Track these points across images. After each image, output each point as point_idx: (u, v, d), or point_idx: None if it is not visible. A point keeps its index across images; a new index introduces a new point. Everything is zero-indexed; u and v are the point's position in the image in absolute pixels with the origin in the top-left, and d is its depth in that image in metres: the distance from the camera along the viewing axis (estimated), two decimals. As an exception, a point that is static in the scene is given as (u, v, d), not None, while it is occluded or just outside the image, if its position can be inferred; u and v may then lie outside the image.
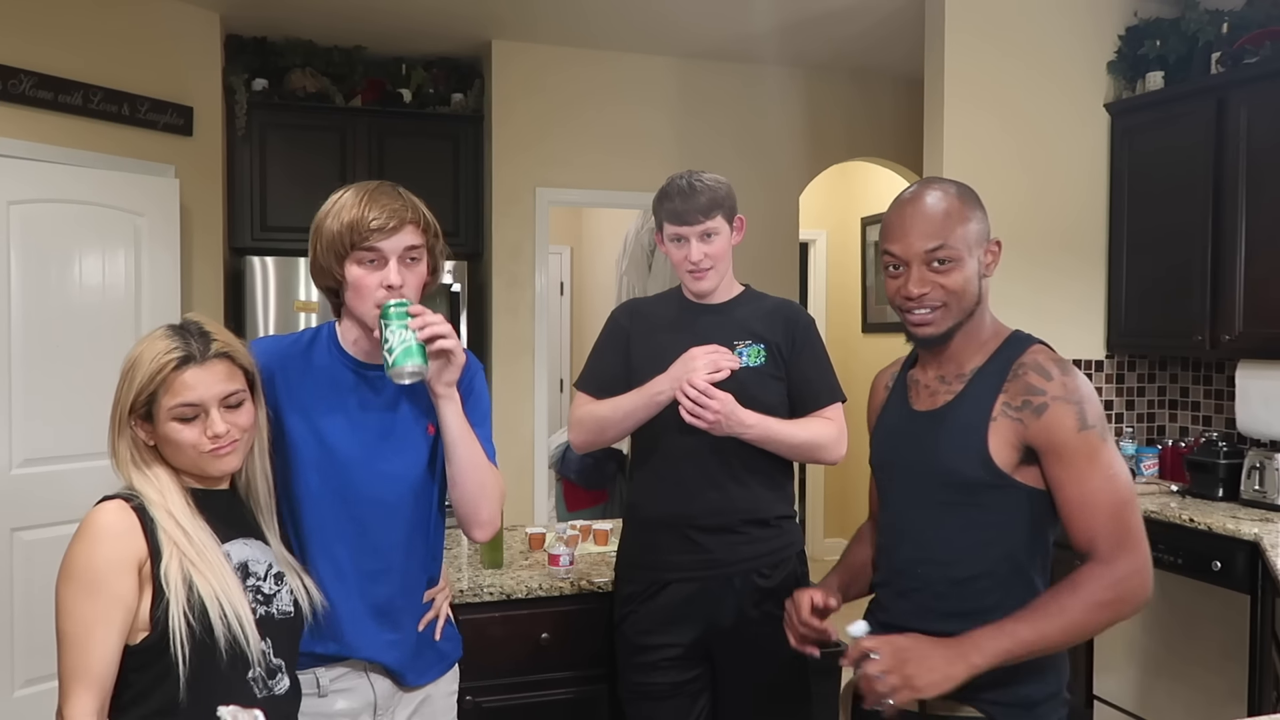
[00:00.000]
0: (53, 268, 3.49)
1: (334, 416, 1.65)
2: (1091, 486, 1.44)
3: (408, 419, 1.68)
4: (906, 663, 1.39)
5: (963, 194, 1.55)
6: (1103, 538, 1.43)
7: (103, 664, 1.36)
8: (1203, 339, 3.56)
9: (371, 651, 1.66)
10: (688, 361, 1.95)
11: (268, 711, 1.47)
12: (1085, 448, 1.44)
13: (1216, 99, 3.51)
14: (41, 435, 3.42)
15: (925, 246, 1.50)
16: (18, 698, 3.35)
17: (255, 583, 1.50)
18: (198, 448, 1.44)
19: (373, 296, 1.58)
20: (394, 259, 1.58)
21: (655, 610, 2.08)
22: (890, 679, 1.39)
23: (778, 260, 5.17)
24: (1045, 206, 3.90)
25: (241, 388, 1.49)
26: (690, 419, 1.92)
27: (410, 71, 4.87)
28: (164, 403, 1.43)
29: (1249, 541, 2.93)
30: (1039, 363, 1.50)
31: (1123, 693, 3.41)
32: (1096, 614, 1.43)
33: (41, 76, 3.54)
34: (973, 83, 3.79)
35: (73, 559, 1.39)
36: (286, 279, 4.42)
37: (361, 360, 1.68)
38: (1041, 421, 1.46)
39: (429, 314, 1.56)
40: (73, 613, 1.36)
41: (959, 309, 1.52)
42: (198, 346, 1.45)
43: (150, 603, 1.39)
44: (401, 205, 1.60)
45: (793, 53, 4.94)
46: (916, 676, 1.38)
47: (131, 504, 1.42)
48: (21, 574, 3.36)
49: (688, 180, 2.05)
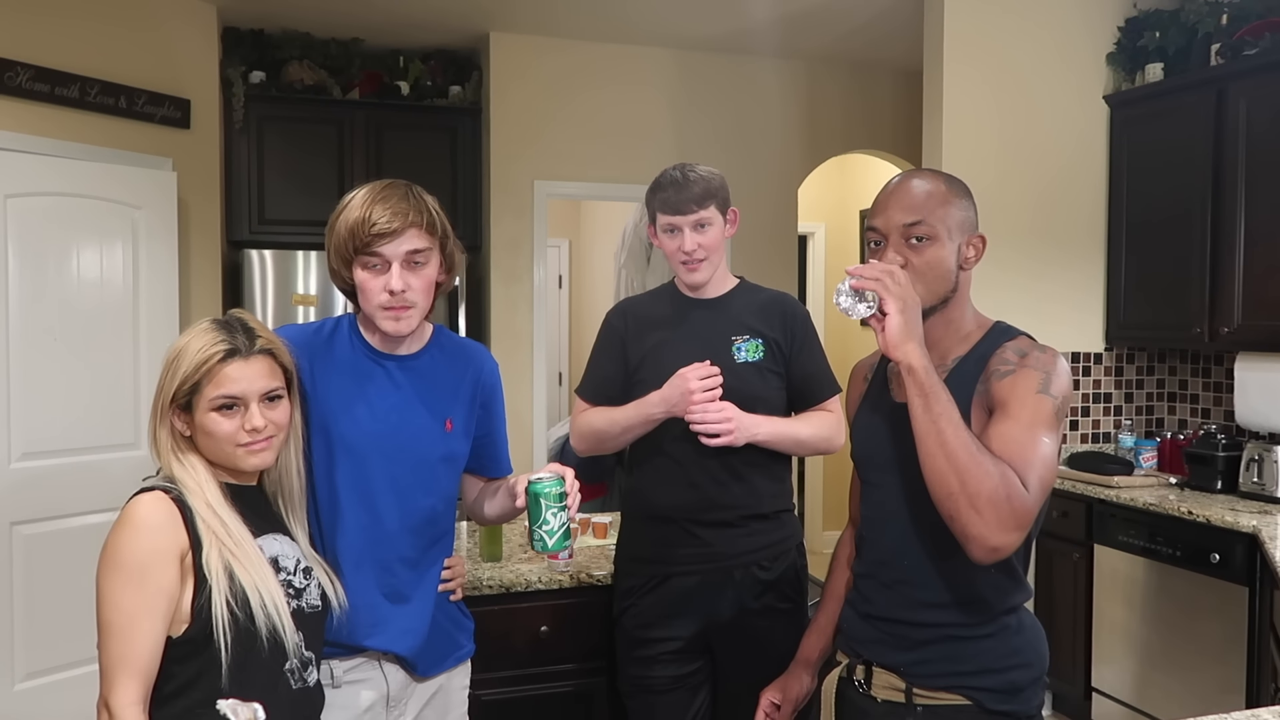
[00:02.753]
0: (50, 261, 3.48)
1: (354, 405, 1.67)
2: (1015, 432, 1.38)
3: (426, 412, 1.71)
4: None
5: (950, 182, 1.55)
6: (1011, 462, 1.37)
7: (147, 654, 1.37)
8: (1201, 331, 3.56)
9: (385, 642, 1.67)
10: (680, 383, 1.94)
11: (301, 704, 1.48)
12: (1034, 407, 1.40)
13: (1216, 91, 3.50)
14: (41, 429, 3.42)
15: (904, 220, 1.50)
16: (18, 691, 3.35)
17: (286, 576, 1.51)
18: (234, 440, 1.46)
19: (377, 299, 1.61)
20: (396, 264, 1.60)
21: (655, 604, 2.08)
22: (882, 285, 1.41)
23: (776, 252, 5.17)
24: (1044, 199, 3.89)
25: (281, 385, 1.52)
26: (709, 442, 1.94)
27: (408, 64, 4.86)
28: (206, 393, 1.45)
29: (1247, 534, 2.94)
30: (1019, 346, 1.51)
31: (1121, 684, 3.42)
32: (978, 475, 1.33)
33: (38, 69, 3.53)
34: (971, 74, 3.78)
35: (116, 549, 1.39)
36: (284, 272, 4.42)
37: (381, 350, 1.71)
38: (1003, 382, 1.45)
39: (577, 494, 1.62)
40: (117, 603, 1.37)
41: (927, 293, 1.49)
42: (243, 341, 1.48)
43: (192, 594, 1.40)
44: (407, 208, 1.60)
45: (792, 45, 4.93)
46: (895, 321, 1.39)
47: (170, 494, 1.44)
48: (21, 568, 3.36)
49: (681, 171, 2.05)
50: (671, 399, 1.96)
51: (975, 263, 1.55)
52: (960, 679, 1.49)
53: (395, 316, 1.62)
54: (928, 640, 1.51)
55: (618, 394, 2.12)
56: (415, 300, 1.62)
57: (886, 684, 1.55)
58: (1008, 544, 1.36)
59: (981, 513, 1.34)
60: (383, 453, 1.67)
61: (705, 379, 1.94)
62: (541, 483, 1.59)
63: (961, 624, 1.49)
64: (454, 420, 1.74)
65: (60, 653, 3.39)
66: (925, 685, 1.51)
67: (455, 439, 1.75)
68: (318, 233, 1.79)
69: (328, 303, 4.42)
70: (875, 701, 1.57)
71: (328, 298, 4.42)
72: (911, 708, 1.52)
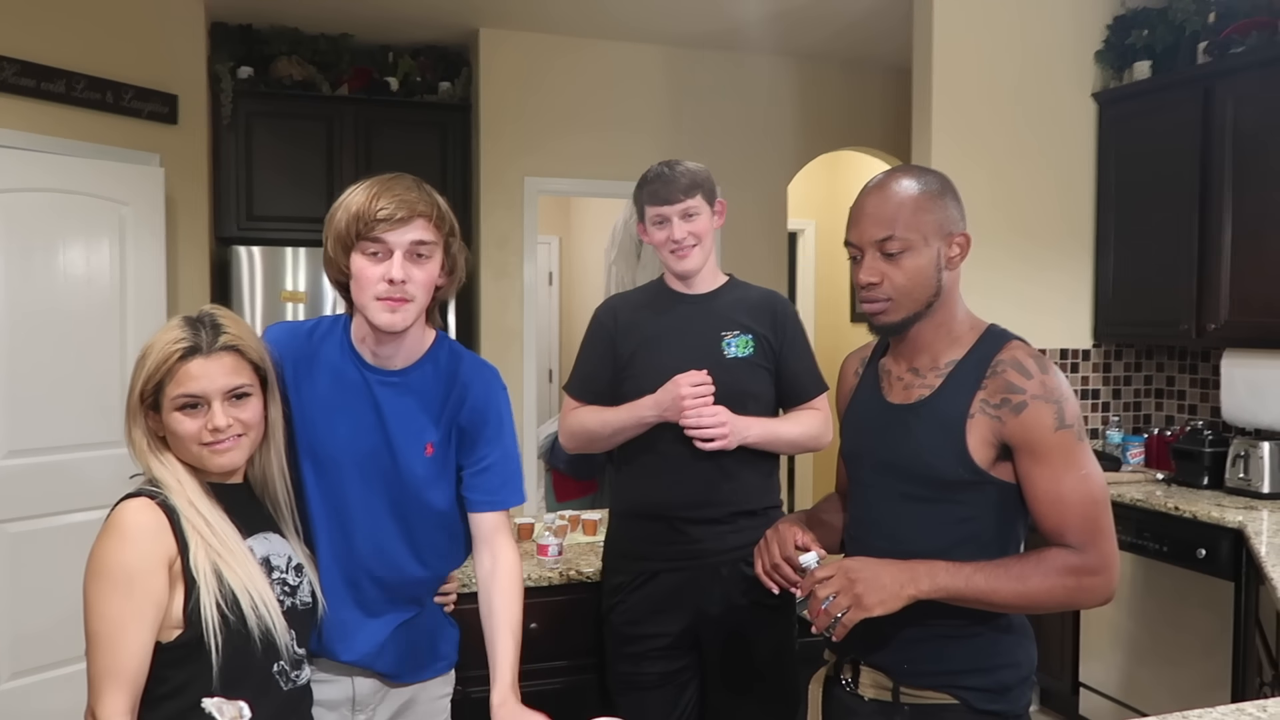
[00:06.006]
0: (37, 258, 3.45)
1: (334, 417, 1.61)
2: (1065, 485, 1.44)
3: (406, 432, 1.62)
4: (856, 583, 1.39)
5: (927, 183, 1.50)
6: (1073, 531, 1.43)
7: (135, 663, 1.35)
8: (1189, 328, 3.57)
9: (351, 655, 1.64)
10: (672, 389, 1.96)
11: (291, 703, 1.47)
12: (1062, 446, 1.44)
13: (1203, 88, 3.52)
14: (28, 427, 3.40)
15: (876, 235, 1.48)
16: (5, 690, 3.33)
17: (280, 575, 1.50)
18: (198, 439, 1.43)
19: (373, 289, 1.51)
20: (399, 253, 1.51)
21: (644, 600, 2.08)
22: (840, 600, 1.39)
23: (766, 249, 5.17)
24: (1033, 196, 3.90)
25: (248, 382, 1.47)
26: (705, 446, 1.95)
27: (397, 60, 4.84)
28: (169, 392, 1.42)
29: (1233, 529, 2.95)
30: (1018, 360, 1.48)
31: (1108, 679, 3.43)
32: (1051, 593, 1.42)
33: (24, 64, 3.50)
34: (961, 72, 3.79)
35: (103, 558, 1.37)
36: (273, 269, 4.39)
37: (368, 362, 1.63)
38: (1020, 419, 1.44)
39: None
40: (104, 612, 1.35)
41: (910, 301, 1.49)
42: (206, 338, 1.43)
43: (183, 599, 1.38)
44: (415, 197, 1.53)
45: (782, 42, 4.93)
46: (866, 595, 1.38)
47: (155, 500, 1.41)
48: (8, 567, 3.34)
49: (666, 165, 2.07)
50: (664, 404, 1.97)
51: (960, 261, 1.52)
52: (948, 678, 1.50)
53: (391, 308, 1.52)
54: (916, 639, 1.50)
55: (606, 391, 2.12)
56: (414, 294, 1.53)
57: (874, 683, 1.55)
58: (1108, 590, 1.45)
59: (1078, 602, 1.47)
60: (359, 471, 1.60)
61: (698, 385, 1.95)
62: None
63: (950, 623, 1.48)
64: (435, 444, 1.63)
65: (47, 652, 3.36)
66: (913, 684, 1.51)
67: (434, 464, 1.63)
68: (306, 229, 1.76)
69: (317, 300, 4.40)
70: (862, 700, 1.56)
71: (317, 294, 4.40)
72: (899, 706, 1.52)
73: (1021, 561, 1.44)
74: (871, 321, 1.54)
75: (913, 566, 1.42)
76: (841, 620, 1.39)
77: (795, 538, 1.54)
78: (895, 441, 1.53)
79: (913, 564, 1.42)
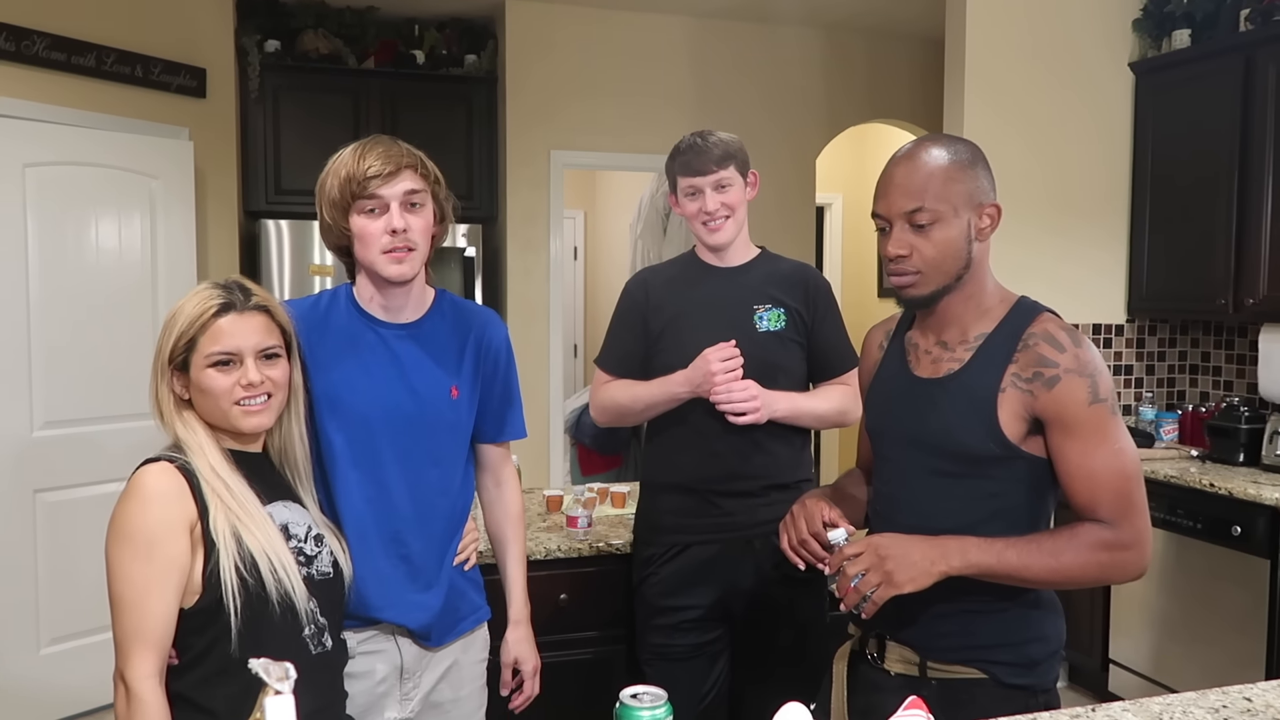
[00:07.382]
0: (69, 230, 3.49)
1: (355, 375, 1.65)
2: (1098, 460, 1.42)
3: (429, 379, 1.69)
4: (886, 560, 1.38)
5: (957, 153, 1.46)
6: (1105, 507, 1.42)
7: (160, 625, 1.36)
8: (1226, 302, 3.51)
9: (397, 615, 1.67)
10: (702, 364, 1.96)
11: (319, 669, 1.48)
12: (1094, 421, 1.41)
13: (1244, 57, 3.44)
14: (62, 398, 3.44)
15: (905, 207, 1.45)
16: (44, 655, 3.40)
17: (297, 544, 1.51)
18: (231, 397, 1.45)
19: (378, 244, 1.60)
20: (395, 204, 1.60)
21: (675, 573, 2.09)
22: (871, 577, 1.38)
23: (794, 223, 5.13)
24: (1067, 168, 3.84)
25: (278, 344, 1.51)
26: (735, 420, 1.95)
27: (423, 32, 4.82)
28: (202, 348, 1.44)
29: (1270, 507, 2.92)
30: (1049, 333, 1.45)
31: (1139, 656, 3.41)
32: (1084, 569, 1.41)
33: (54, 38, 3.52)
34: (994, 41, 3.72)
35: (124, 522, 1.38)
36: (301, 242, 4.41)
37: (379, 317, 1.69)
38: (1052, 394, 1.42)
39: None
40: (128, 576, 1.36)
41: (940, 274, 1.46)
42: (239, 297, 1.48)
43: (203, 564, 1.39)
44: (399, 151, 1.62)
45: (809, 12, 4.87)
46: (896, 572, 1.37)
47: (175, 464, 1.42)
48: (45, 535, 3.40)
49: (699, 136, 2.05)
50: (695, 379, 1.97)
51: (991, 232, 1.49)
52: (976, 652, 1.48)
53: (398, 259, 1.61)
54: (944, 614, 1.49)
55: (638, 365, 2.11)
56: (416, 242, 1.61)
57: (900, 657, 1.54)
58: (1141, 566, 1.44)
59: (1110, 577, 1.48)
60: (389, 423, 1.65)
61: (727, 360, 1.93)
62: (637, 709, 1.18)
63: (978, 599, 1.46)
64: (459, 387, 1.71)
65: (84, 618, 3.43)
66: (940, 659, 1.50)
67: (461, 406, 1.72)
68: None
69: (344, 274, 4.40)
70: (888, 675, 1.55)
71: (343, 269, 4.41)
72: (926, 681, 1.50)
73: (1054, 537, 1.42)
74: (900, 295, 1.52)
75: (943, 543, 1.40)
76: (871, 598, 1.38)
77: (823, 513, 1.53)
78: (923, 416, 1.51)
79: (943, 540, 1.40)
